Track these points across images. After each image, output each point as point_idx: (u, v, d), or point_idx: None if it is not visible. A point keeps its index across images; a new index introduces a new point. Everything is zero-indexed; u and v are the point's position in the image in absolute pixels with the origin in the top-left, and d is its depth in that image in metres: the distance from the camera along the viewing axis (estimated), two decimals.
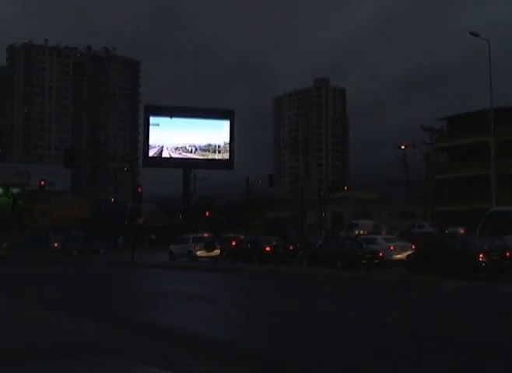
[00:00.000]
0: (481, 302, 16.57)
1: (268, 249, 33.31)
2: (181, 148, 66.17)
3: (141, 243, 66.63)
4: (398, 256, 29.53)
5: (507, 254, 22.57)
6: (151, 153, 66.16)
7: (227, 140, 67.56)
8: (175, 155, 65.54)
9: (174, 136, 65.35)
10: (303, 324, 12.68)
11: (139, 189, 41.47)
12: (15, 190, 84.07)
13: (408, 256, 26.60)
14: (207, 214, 66.35)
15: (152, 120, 66.35)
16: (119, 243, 62.40)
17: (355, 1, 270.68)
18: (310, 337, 10.96)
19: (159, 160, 65.99)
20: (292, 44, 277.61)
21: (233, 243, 38.60)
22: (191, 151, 66.59)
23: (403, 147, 60.53)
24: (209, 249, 38.13)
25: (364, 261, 26.54)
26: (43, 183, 50.95)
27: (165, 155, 65.42)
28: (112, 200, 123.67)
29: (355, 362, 8.67)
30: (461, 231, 43.47)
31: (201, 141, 66.71)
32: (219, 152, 67.11)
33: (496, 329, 11.33)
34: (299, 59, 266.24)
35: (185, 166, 66.57)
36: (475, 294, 18.28)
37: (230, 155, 67.71)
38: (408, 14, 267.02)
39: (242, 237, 41.98)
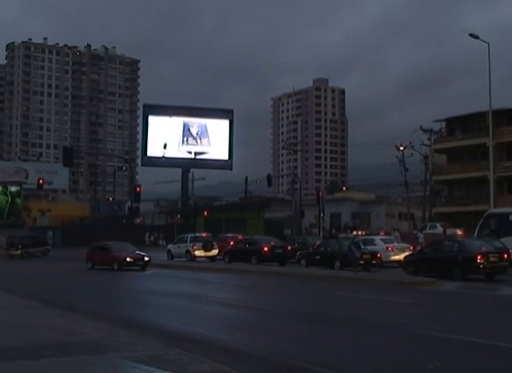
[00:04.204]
0: (478, 304, 16.60)
1: (266, 249, 33.27)
2: (180, 147, 66.09)
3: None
4: (396, 257, 29.65)
5: (505, 256, 22.61)
6: (149, 152, 66.06)
7: (226, 140, 67.44)
8: (173, 154, 65.44)
9: (173, 135, 65.28)
10: (310, 327, 12.71)
11: (138, 189, 41.27)
12: (13, 189, 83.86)
13: (406, 257, 26.66)
14: (205, 213, 66.28)
15: (151, 119, 66.29)
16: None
17: (356, 3, 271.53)
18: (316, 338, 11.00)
19: (157, 159, 65.84)
20: (292, 45, 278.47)
21: (231, 243, 38.55)
22: (190, 151, 66.50)
23: (402, 148, 60.57)
24: (207, 248, 38.07)
25: (362, 262, 26.55)
26: (41, 181, 50.94)
27: (163, 154, 65.25)
28: (110, 199, 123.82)
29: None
30: (459, 232, 43.48)
31: (200, 141, 66.61)
32: (218, 152, 66.96)
33: (493, 332, 11.35)
34: (298, 59, 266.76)
35: (184, 166, 66.47)
36: (472, 296, 18.30)
37: (229, 155, 67.61)
38: (408, 16, 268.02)
39: (240, 237, 41.93)
